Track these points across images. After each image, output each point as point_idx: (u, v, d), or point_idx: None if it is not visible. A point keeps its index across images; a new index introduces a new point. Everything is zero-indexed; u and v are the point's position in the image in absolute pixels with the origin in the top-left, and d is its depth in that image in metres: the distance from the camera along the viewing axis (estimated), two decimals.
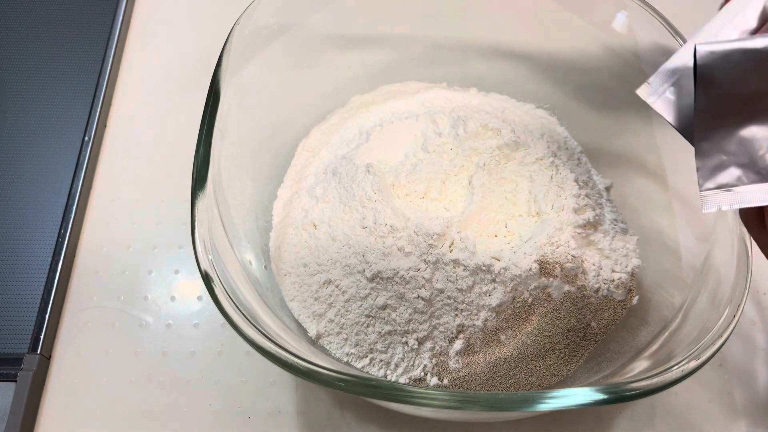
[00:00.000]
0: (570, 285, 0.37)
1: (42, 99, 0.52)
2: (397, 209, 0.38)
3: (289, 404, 0.40)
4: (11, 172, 0.48)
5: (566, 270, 0.36)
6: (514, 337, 0.36)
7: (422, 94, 0.48)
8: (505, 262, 0.36)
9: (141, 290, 0.44)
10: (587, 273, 0.37)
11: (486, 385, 0.36)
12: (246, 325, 0.28)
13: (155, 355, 0.42)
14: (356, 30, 0.46)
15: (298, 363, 0.27)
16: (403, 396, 0.27)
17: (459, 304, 0.35)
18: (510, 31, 0.46)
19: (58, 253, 0.45)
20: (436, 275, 0.35)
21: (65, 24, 0.56)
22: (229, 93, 0.36)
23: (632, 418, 0.39)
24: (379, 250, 0.36)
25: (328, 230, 0.38)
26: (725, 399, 0.40)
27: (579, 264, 0.37)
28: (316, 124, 0.47)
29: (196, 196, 0.32)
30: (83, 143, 0.49)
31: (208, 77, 0.35)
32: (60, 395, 0.41)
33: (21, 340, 0.41)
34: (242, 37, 0.38)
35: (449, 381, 0.36)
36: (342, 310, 0.37)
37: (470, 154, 0.41)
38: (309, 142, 0.47)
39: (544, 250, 0.36)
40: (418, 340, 0.36)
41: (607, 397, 0.26)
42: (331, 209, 0.39)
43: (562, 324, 0.37)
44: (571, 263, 0.37)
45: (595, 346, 0.38)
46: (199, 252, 0.30)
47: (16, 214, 0.47)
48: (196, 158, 0.33)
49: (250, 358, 0.41)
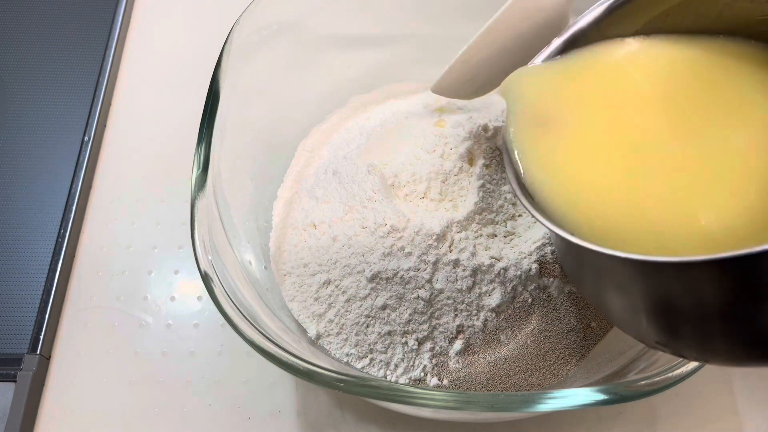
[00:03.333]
0: (571, 285, 0.37)
1: (42, 99, 0.52)
2: (398, 209, 0.38)
3: (289, 404, 0.40)
4: (11, 172, 0.48)
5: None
6: (514, 337, 0.36)
7: (422, 94, 0.48)
8: (505, 262, 0.36)
9: (141, 290, 0.44)
10: None
11: (486, 385, 0.36)
12: (246, 325, 0.28)
13: (155, 355, 0.42)
14: (356, 30, 0.46)
15: (298, 363, 0.27)
16: (402, 396, 0.27)
17: (459, 305, 0.35)
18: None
19: (58, 253, 0.45)
20: (436, 275, 0.35)
21: (65, 24, 0.56)
22: (229, 93, 0.36)
23: (632, 418, 0.39)
24: (380, 251, 0.36)
25: (329, 230, 0.38)
26: (726, 399, 0.40)
27: None
28: (316, 124, 0.47)
29: (196, 196, 0.32)
30: (83, 143, 0.49)
31: (208, 77, 0.35)
32: (60, 395, 0.41)
33: (20, 340, 0.41)
34: (242, 37, 0.38)
35: (449, 381, 0.36)
36: (342, 311, 0.37)
37: (471, 155, 0.41)
38: (308, 142, 0.47)
39: (545, 250, 0.36)
40: (417, 340, 0.36)
41: (607, 397, 0.26)
42: (331, 209, 0.39)
43: (562, 324, 0.37)
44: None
45: (595, 346, 0.38)
46: (199, 252, 0.30)
47: (16, 214, 0.47)
48: (196, 158, 0.33)
49: (250, 358, 0.41)
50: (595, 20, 0.29)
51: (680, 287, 0.21)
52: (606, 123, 0.27)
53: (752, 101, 0.25)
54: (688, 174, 0.24)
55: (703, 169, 0.24)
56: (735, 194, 0.23)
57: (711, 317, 0.21)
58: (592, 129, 0.27)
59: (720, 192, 0.23)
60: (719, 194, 0.23)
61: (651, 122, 0.26)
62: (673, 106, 0.26)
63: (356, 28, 0.46)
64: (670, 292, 0.22)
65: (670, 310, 0.22)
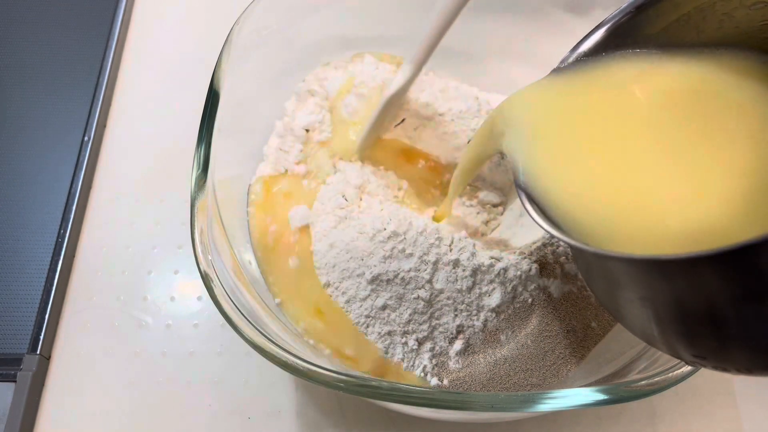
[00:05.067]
0: (571, 285, 0.37)
1: (42, 99, 0.52)
2: (397, 212, 0.38)
3: (289, 404, 0.40)
4: (11, 172, 0.48)
5: (566, 270, 0.36)
6: (514, 337, 0.36)
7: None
8: (505, 262, 0.36)
9: (141, 290, 0.44)
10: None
11: (486, 385, 0.36)
12: (246, 325, 0.28)
13: (155, 356, 0.42)
14: (356, 30, 0.46)
15: (298, 363, 0.27)
16: (402, 396, 0.27)
17: (459, 305, 0.35)
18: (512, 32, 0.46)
19: (58, 253, 0.45)
20: (436, 275, 0.35)
21: (65, 24, 0.56)
22: (229, 93, 0.36)
23: (632, 418, 0.39)
24: (380, 254, 0.36)
25: (325, 239, 0.38)
26: (726, 399, 0.40)
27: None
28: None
29: (196, 196, 0.32)
30: (83, 143, 0.49)
31: (208, 77, 0.35)
32: (60, 395, 0.41)
33: (20, 340, 0.41)
34: (242, 37, 0.38)
35: (449, 381, 0.36)
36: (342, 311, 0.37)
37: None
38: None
39: (545, 251, 0.36)
40: (417, 340, 0.36)
41: (607, 397, 0.26)
42: (326, 213, 0.39)
43: (563, 324, 0.37)
44: (572, 264, 0.37)
45: (595, 346, 0.38)
46: (199, 252, 0.30)
47: (16, 214, 0.47)
48: (196, 158, 0.33)
49: (250, 358, 0.41)
50: (595, 44, 0.29)
51: (692, 288, 0.21)
52: (608, 134, 0.27)
53: (753, 112, 0.25)
54: (686, 178, 0.24)
55: (702, 175, 0.24)
56: (731, 196, 0.23)
57: (727, 319, 0.20)
58: (593, 140, 0.27)
59: (718, 192, 0.23)
60: (717, 195, 0.23)
61: (651, 132, 0.26)
62: (670, 118, 0.26)
63: (356, 28, 0.46)
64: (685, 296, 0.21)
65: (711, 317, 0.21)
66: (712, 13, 0.26)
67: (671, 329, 0.23)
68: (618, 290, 0.25)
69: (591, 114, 0.28)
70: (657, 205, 0.24)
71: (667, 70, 0.28)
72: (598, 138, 0.27)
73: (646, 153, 0.26)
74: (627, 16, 0.28)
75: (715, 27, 0.27)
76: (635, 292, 0.24)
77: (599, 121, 0.27)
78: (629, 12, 0.28)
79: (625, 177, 0.25)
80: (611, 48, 0.29)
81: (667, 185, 0.24)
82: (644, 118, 0.27)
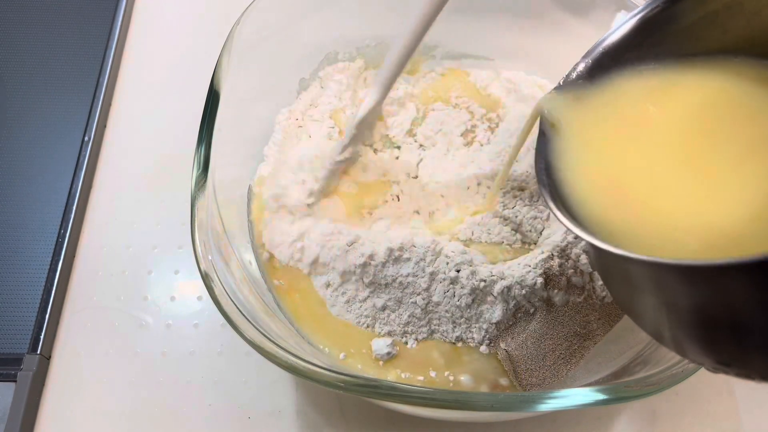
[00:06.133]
0: (576, 296, 0.36)
1: (42, 99, 0.52)
2: (396, 231, 0.37)
3: (289, 404, 0.40)
4: (11, 172, 0.48)
5: (573, 282, 0.36)
6: (514, 341, 0.36)
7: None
8: (510, 280, 0.35)
9: (141, 290, 0.44)
10: (595, 281, 0.37)
11: None
12: (246, 325, 0.28)
13: (155, 355, 0.42)
14: (356, 30, 0.46)
15: (298, 363, 0.27)
16: (402, 396, 0.27)
17: (457, 318, 0.35)
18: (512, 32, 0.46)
19: (58, 253, 0.45)
20: (434, 286, 0.35)
21: (65, 24, 0.56)
22: (229, 93, 0.36)
23: (632, 418, 0.39)
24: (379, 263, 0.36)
25: (320, 251, 0.37)
26: (726, 399, 0.40)
27: (587, 280, 0.37)
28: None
29: (196, 196, 0.32)
30: (83, 143, 0.49)
31: (208, 77, 0.35)
32: (60, 395, 0.41)
33: (21, 340, 0.41)
34: (242, 37, 0.38)
35: None
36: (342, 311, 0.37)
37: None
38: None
39: (551, 263, 0.36)
40: (417, 341, 0.36)
41: (607, 397, 0.26)
42: (322, 225, 0.39)
43: (564, 329, 0.36)
44: (579, 277, 0.36)
45: (595, 346, 0.37)
46: (199, 252, 0.30)
47: (16, 214, 0.47)
48: (196, 158, 0.33)
49: (250, 358, 0.41)
50: (624, 35, 0.30)
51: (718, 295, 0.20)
52: (633, 143, 0.28)
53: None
54: (707, 186, 0.25)
55: (723, 182, 0.24)
56: (752, 204, 0.23)
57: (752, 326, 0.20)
58: (620, 148, 0.28)
59: (738, 200, 0.23)
60: (737, 203, 0.23)
61: (673, 141, 0.27)
62: (692, 128, 0.27)
63: (356, 29, 0.46)
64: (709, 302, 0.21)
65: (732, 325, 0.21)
66: (740, 12, 0.26)
67: (694, 335, 0.23)
68: (639, 293, 0.25)
69: (617, 123, 0.28)
70: (678, 210, 0.24)
71: (685, 82, 0.28)
72: (624, 146, 0.28)
73: (667, 159, 0.26)
74: (657, 9, 0.28)
75: (742, 25, 0.27)
76: (658, 297, 0.23)
77: (625, 130, 0.28)
78: (660, 5, 0.28)
79: (649, 183, 0.26)
80: (634, 49, 0.29)
81: (688, 192, 0.25)
82: (666, 129, 0.27)
